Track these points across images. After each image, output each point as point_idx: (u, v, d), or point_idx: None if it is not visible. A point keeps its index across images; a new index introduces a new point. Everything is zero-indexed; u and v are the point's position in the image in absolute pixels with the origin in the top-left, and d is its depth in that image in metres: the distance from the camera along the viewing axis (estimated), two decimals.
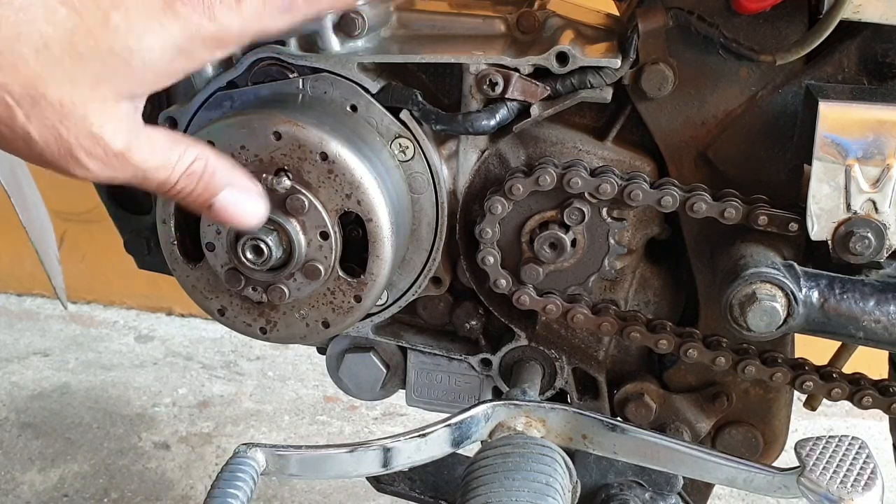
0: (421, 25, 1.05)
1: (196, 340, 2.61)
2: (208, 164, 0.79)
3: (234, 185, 0.81)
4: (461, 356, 1.13)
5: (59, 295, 1.36)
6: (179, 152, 0.77)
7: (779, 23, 0.98)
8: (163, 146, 0.76)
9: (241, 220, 0.83)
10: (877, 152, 0.92)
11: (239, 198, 0.82)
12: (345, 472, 0.93)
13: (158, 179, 0.76)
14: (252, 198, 0.83)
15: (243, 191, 0.82)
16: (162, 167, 0.76)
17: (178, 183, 0.77)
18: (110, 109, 0.72)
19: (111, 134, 0.72)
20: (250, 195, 0.83)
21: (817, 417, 2.15)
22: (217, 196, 0.80)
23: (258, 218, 0.84)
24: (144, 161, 0.75)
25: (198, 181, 0.78)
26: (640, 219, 1.06)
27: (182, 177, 0.77)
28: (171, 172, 0.77)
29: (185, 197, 0.79)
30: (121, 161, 0.73)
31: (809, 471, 0.85)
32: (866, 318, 0.95)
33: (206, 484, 2.03)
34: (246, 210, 0.83)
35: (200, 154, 0.78)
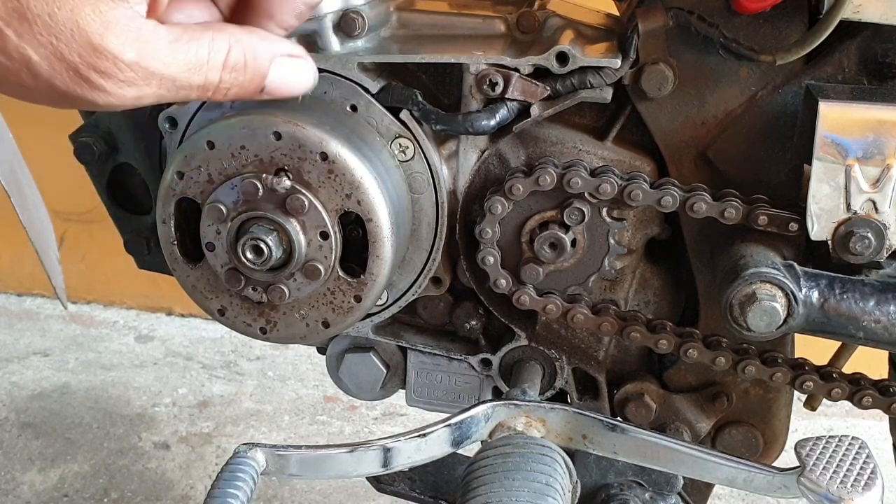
0: (421, 25, 1.05)
1: (196, 340, 2.61)
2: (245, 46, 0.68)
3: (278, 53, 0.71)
4: (461, 356, 1.13)
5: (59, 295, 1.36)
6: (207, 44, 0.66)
7: (779, 23, 0.98)
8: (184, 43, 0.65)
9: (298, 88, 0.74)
10: (877, 152, 0.92)
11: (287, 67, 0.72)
12: (345, 472, 0.93)
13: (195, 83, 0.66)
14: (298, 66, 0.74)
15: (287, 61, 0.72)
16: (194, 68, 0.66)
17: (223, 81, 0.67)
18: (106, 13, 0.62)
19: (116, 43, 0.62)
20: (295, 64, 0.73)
21: (817, 417, 2.15)
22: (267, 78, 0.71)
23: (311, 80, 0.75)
24: (167, 66, 0.64)
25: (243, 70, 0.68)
26: (640, 219, 1.06)
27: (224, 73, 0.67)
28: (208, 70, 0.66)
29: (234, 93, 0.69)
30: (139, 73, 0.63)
31: (809, 471, 0.85)
32: (866, 318, 0.95)
33: (206, 484, 2.03)
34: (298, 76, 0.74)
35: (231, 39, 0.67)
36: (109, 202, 1.16)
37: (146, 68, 0.63)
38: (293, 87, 0.73)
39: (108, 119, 1.10)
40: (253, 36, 0.70)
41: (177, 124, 1.02)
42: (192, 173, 0.94)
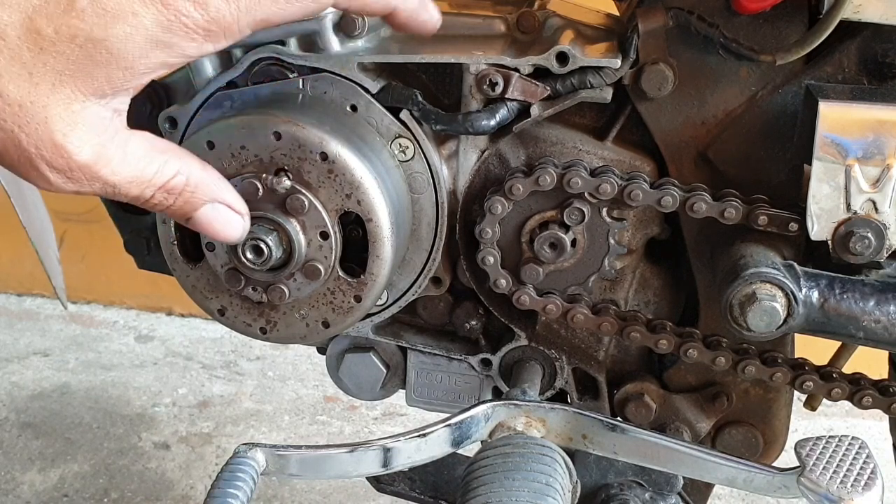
0: None
1: (196, 340, 2.62)
2: (190, 180, 0.72)
3: (216, 199, 0.75)
4: (461, 356, 1.13)
5: (59, 295, 1.36)
6: (158, 165, 0.69)
7: (779, 23, 0.98)
8: (138, 158, 0.68)
9: (220, 235, 0.78)
10: (877, 152, 0.92)
11: (220, 214, 0.76)
12: (345, 472, 0.93)
13: (131, 194, 0.69)
14: (233, 216, 0.78)
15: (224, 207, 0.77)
16: (135, 182, 0.68)
17: (154, 197, 0.71)
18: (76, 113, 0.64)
19: (76, 144, 0.64)
20: (231, 212, 0.77)
21: (817, 417, 2.15)
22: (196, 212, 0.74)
23: (238, 233, 0.79)
24: (114, 175, 0.67)
25: (176, 197, 0.72)
26: (640, 219, 1.06)
27: (158, 192, 0.70)
28: (146, 188, 0.69)
29: (161, 210, 0.73)
30: (87, 174, 0.65)
31: (809, 471, 0.85)
32: (866, 318, 0.95)
33: (206, 484, 2.03)
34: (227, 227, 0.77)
35: (182, 168, 0.71)
36: (109, 202, 1.16)
37: (95, 173, 0.66)
38: (216, 232, 0.77)
39: None
40: (204, 173, 0.74)
41: (177, 124, 1.02)
42: None
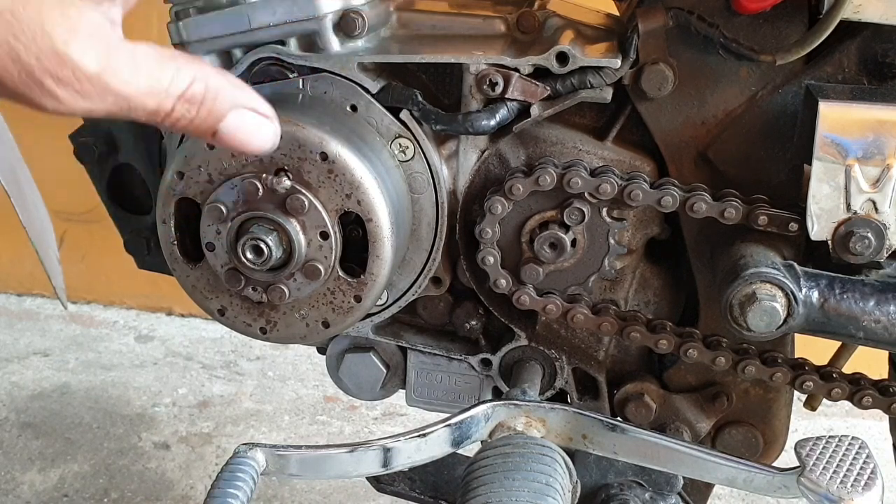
0: (421, 25, 1.05)
1: (196, 340, 2.61)
2: (209, 85, 0.66)
3: (242, 105, 0.68)
4: (461, 356, 1.13)
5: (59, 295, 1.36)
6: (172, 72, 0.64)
7: (779, 23, 0.98)
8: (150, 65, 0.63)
9: (252, 145, 0.70)
10: (877, 152, 0.92)
11: (248, 120, 0.69)
12: (345, 472, 0.93)
13: (148, 108, 0.63)
14: (262, 119, 0.70)
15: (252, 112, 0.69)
16: (151, 92, 0.63)
17: (174, 111, 0.65)
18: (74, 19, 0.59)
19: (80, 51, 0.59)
20: (260, 116, 0.70)
21: (817, 417, 2.15)
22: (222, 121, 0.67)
23: (271, 141, 0.71)
24: (127, 84, 0.61)
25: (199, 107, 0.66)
26: (640, 219, 1.06)
27: (178, 103, 0.64)
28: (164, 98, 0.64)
29: (185, 126, 0.66)
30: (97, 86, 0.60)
31: (809, 471, 0.85)
32: (866, 318, 0.95)
33: (206, 484, 2.03)
34: (258, 133, 0.70)
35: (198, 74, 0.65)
36: (109, 202, 1.16)
37: (105, 83, 0.61)
38: (248, 141, 0.69)
39: (109, 119, 1.10)
40: (222, 79, 0.67)
41: None
42: (192, 173, 0.94)
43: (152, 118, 0.64)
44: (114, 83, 0.61)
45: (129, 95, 0.62)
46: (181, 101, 0.64)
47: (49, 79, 0.59)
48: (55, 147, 1.41)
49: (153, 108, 0.64)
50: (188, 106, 0.65)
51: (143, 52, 0.63)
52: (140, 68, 0.62)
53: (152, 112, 0.64)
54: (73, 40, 0.59)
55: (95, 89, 0.60)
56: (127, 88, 0.62)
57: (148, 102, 0.63)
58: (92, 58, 0.60)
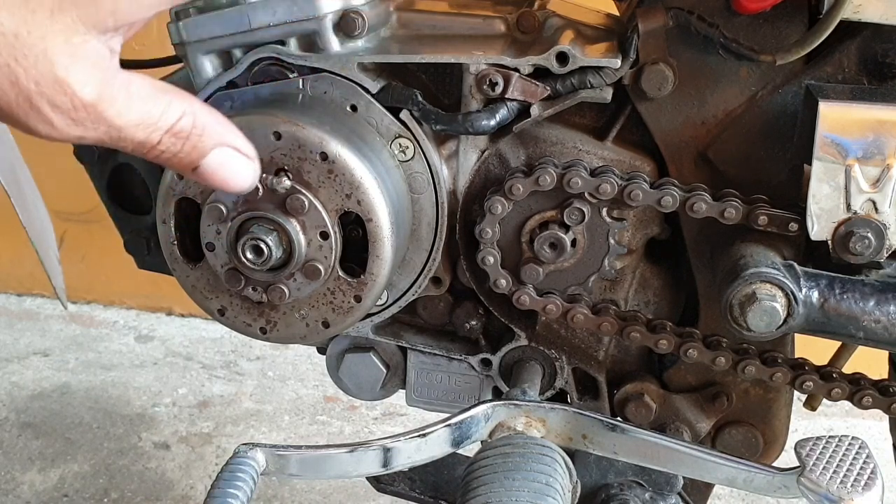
0: (421, 25, 1.05)
1: (196, 340, 2.61)
2: (196, 121, 0.67)
3: (225, 143, 0.69)
4: (461, 356, 1.13)
5: (59, 295, 1.36)
6: (163, 106, 0.65)
7: (779, 23, 0.98)
8: (143, 98, 0.64)
9: (231, 184, 0.71)
10: (877, 152, 0.92)
11: (230, 159, 0.69)
12: (345, 472, 0.93)
13: (137, 139, 0.64)
14: (243, 159, 0.71)
15: (235, 151, 0.70)
16: (141, 124, 0.64)
17: (162, 142, 0.66)
18: (77, 47, 0.60)
19: (80, 79, 0.60)
20: (241, 157, 0.71)
21: (817, 417, 2.15)
22: (205, 157, 0.68)
23: (248, 182, 0.72)
24: (119, 116, 0.62)
25: (185, 140, 0.67)
26: (640, 219, 1.06)
27: (165, 136, 0.65)
28: (153, 131, 0.65)
29: (168, 158, 0.67)
30: (92, 115, 0.61)
31: (809, 471, 0.85)
32: (866, 318, 0.95)
33: (206, 484, 2.03)
34: (237, 171, 0.71)
35: (188, 109, 0.66)
36: (109, 202, 1.16)
37: (100, 113, 0.62)
38: (227, 179, 0.70)
39: None
40: (210, 116, 0.68)
41: None
42: None
43: (139, 149, 0.65)
44: (108, 113, 0.62)
45: (120, 126, 0.63)
46: (168, 134, 0.65)
47: (46, 105, 0.60)
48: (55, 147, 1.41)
49: (141, 140, 0.65)
50: (174, 140, 0.66)
51: (138, 85, 0.64)
52: (133, 100, 0.63)
53: (140, 143, 0.65)
54: (73, 68, 0.59)
55: (90, 118, 0.61)
56: (119, 119, 0.62)
57: (138, 134, 0.64)
58: (90, 87, 0.60)
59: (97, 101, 0.61)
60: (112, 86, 0.62)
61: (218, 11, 0.97)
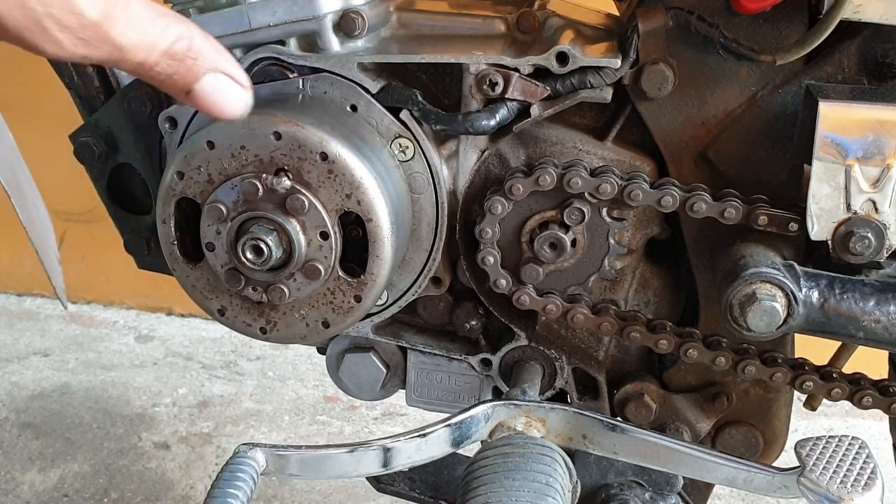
0: (421, 25, 1.05)
1: (196, 340, 2.61)
2: (193, 44, 0.70)
3: (219, 69, 0.72)
4: (461, 356, 1.13)
5: (59, 295, 1.36)
6: (161, 27, 0.68)
7: (779, 23, 0.98)
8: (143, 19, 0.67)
9: (222, 109, 0.73)
10: (877, 152, 0.92)
11: (222, 84, 0.72)
12: (345, 472, 0.93)
13: (136, 59, 0.68)
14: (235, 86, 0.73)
15: (227, 77, 0.73)
16: (141, 44, 0.67)
17: (158, 64, 0.69)
18: None
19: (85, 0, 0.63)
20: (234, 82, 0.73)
21: (817, 417, 2.15)
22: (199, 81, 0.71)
23: (241, 108, 0.74)
24: (122, 34, 0.66)
25: (180, 63, 0.70)
26: (640, 219, 1.06)
27: (163, 57, 0.69)
28: (151, 51, 0.68)
29: (163, 80, 0.70)
30: (96, 34, 0.65)
31: (809, 471, 0.85)
32: (866, 318, 0.95)
33: (206, 484, 2.03)
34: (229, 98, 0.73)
35: (184, 32, 0.70)
36: (109, 202, 1.16)
37: (105, 32, 0.65)
38: (219, 104, 0.73)
39: (108, 119, 1.10)
40: (206, 42, 0.71)
41: (177, 124, 1.02)
42: (192, 173, 0.94)
43: (138, 70, 0.69)
44: (112, 33, 0.65)
45: (122, 46, 0.66)
46: (165, 55, 0.69)
47: (53, 24, 0.62)
48: (55, 147, 1.42)
49: (140, 60, 0.68)
50: (170, 61, 0.69)
51: (137, 6, 0.67)
52: (133, 21, 0.66)
53: (139, 63, 0.68)
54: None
55: (94, 37, 0.64)
56: (121, 39, 0.66)
57: (137, 54, 0.67)
58: (95, 8, 0.63)
59: (101, 21, 0.64)
60: (114, 6, 0.65)
61: (218, 11, 0.97)
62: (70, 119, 1.11)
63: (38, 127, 1.78)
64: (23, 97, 2.10)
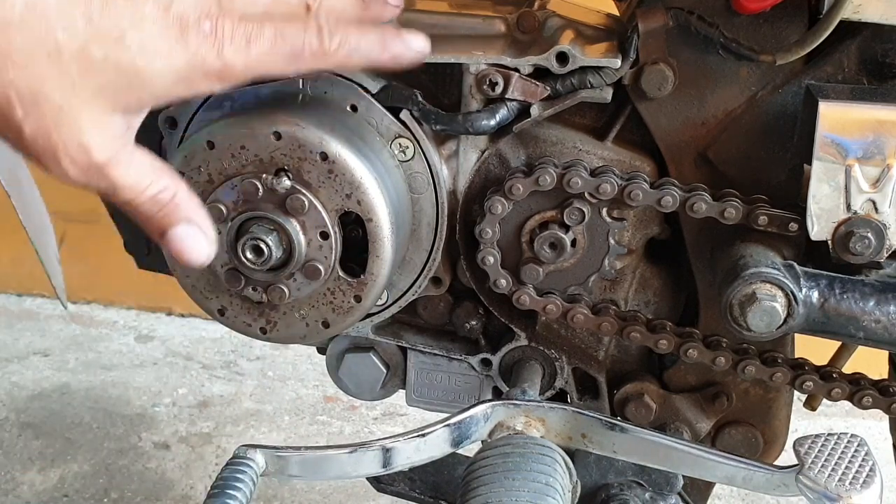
0: (421, 25, 1.05)
1: (196, 340, 2.61)
2: (175, 197, 0.80)
3: (192, 221, 0.82)
4: (461, 356, 1.13)
5: (59, 295, 1.36)
6: (153, 178, 0.79)
7: (779, 23, 0.98)
8: (141, 169, 0.79)
9: (188, 256, 0.83)
10: (877, 152, 0.92)
11: (192, 234, 0.82)
12: (345, 472, 0.93)
13: (125, 197, 0.78)
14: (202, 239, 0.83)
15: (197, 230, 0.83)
16: (133, 187, 0.78)
17: (144, 205, 0.79)
18: (103, 121, 0.75)
19: (98, 145, 0.75)
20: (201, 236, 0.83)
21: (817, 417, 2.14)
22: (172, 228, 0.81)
23: (202, 259, 0.84)
24: (120, 177, 0.77)
25: (160, 209, 0.80)
26: (640, 219, 1.06)
27: (148, 200, 0.79)
28: (138, 194, 0.79)
29: (144, 219, 0.81)
30: (99, 173, 0.76)
31: (808, 468, 0.85)
32: (866, 318, 0.95)
33: (206, 484, 2.03)
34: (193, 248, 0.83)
35: (171, 185, 0.80)
36: (109, 203, 1.15)
37: (107, 173, 0.76)
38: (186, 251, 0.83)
39: None
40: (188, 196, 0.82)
41: (177, 124, 1.02)
42: (192, 173, 0.94)
43: (125, 206, 0.80)
44: (111, 174, 0.76)
45: (118, 186, 0.77)
46: (150, 200, 0.79)
47: (66, 159, 0.74)
48: None
49: (129, 199, 0.79)
50: (152, 204, 0.80)
51: (140, 157, 0.79)
52: (132, 168, 0.78)
53: (127, 201, 0.79)
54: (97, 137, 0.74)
55: (97, 175, 0.76)
56: (119, 180, 0.77)
57: (127, 193, 0.78)
58: (104, 153, 0.75)
59: (106, 164, 0.75)
60: (121, 154, 0.77)
61: None
62: None
63: None
64: None
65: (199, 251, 0.83)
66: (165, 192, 0.80)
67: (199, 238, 0.83)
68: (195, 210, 0.83)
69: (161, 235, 0.82)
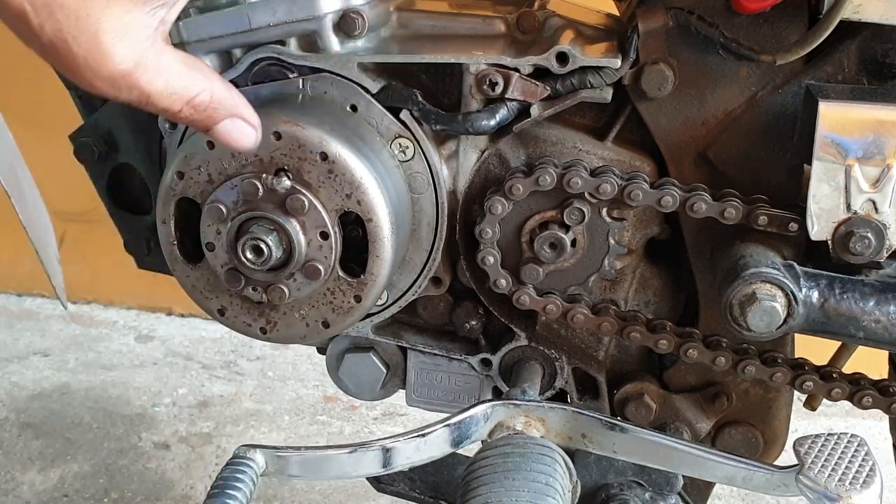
0: (421, 25, 1.05)
1: (196, 340, 2.61)
2: (213, 97, 0.80)
3: (236, 115, 0.84)
4: (461, 356, 1.13)
5: (59, 295, 1.36)
6: (187, 81, 0.77)
7: (779, 23, 0.98)
8: (172, 73, 0.76)
9: (236, 146, 0.86)
10: (877, 152, 0.92)
11: (237, 127, 0.84)
12: (345, 472, 0.93)
13: (161, 105, 0.77)
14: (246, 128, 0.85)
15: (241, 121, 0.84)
16: (167, 94, 0.76)
17: (182, 111, 0.78)
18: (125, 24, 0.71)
19: (121, 54, 0.71)
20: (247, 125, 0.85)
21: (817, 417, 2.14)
22: (217, 125, 0.82)
23: (249, 145, 0.86)
24: (149, 84, 0.74)
25: (202, 112, 0.80)
26: (640, 219, 1.06)
27: (185, 106, 0.78)
28: (175, 100, 0.77)
29: (186, 122, 0.83)
30: (127, 82, 0.73)
31: (808, 468, 0.85)
32: (866, 318, 0.95)
33: (206, 484, 2.03)
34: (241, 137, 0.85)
35: (207, 86, 0.79)
36: (109, 202, 1.16)
37: (134, 81, 0.73)
38: (233, 142, 0.85)
39: (108, 119, 1.10)
40: (226, 93, 0.82)
41: (177, 124, 1.02)
42: (192, 173, 0.94)
43: (162, 113, 0.79)
44: (140, 81, 0.73)
45: (150, 93, 0.74)
46: (188, 105, 0.78)
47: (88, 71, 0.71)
48: (55, 147, 1.41)
49: (165, 107, 0.76)
50: (192, 110, 0.78)
51: (169, 58, 0.76)
52: (162, 73, 0.75)
53: (163, 109, 0.77)
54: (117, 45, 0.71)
55: (125, 84, 0.73)
56: (149, 87, 0.74)
57: (162, 101, 0.75)
58: (128, 61, 0.72)
59: (132, 72, 0.72)
60: (146, 57, 0.73)
61: (218, 11, 0.97)
62: (70, 119, 1.11)
63: (38, 127, 1.78)
64: (23, 97, 2.10)
65: (246, 140, 0.86)
66: (202, 94, 0.79)
67: (244, 128, 0.85)
68: (235, 104, 0.83)
69: (206, 131, 0.84)
